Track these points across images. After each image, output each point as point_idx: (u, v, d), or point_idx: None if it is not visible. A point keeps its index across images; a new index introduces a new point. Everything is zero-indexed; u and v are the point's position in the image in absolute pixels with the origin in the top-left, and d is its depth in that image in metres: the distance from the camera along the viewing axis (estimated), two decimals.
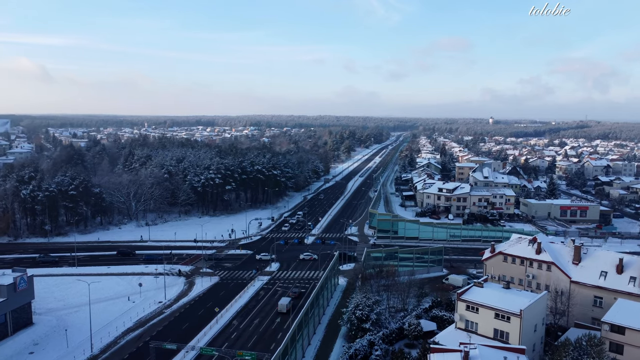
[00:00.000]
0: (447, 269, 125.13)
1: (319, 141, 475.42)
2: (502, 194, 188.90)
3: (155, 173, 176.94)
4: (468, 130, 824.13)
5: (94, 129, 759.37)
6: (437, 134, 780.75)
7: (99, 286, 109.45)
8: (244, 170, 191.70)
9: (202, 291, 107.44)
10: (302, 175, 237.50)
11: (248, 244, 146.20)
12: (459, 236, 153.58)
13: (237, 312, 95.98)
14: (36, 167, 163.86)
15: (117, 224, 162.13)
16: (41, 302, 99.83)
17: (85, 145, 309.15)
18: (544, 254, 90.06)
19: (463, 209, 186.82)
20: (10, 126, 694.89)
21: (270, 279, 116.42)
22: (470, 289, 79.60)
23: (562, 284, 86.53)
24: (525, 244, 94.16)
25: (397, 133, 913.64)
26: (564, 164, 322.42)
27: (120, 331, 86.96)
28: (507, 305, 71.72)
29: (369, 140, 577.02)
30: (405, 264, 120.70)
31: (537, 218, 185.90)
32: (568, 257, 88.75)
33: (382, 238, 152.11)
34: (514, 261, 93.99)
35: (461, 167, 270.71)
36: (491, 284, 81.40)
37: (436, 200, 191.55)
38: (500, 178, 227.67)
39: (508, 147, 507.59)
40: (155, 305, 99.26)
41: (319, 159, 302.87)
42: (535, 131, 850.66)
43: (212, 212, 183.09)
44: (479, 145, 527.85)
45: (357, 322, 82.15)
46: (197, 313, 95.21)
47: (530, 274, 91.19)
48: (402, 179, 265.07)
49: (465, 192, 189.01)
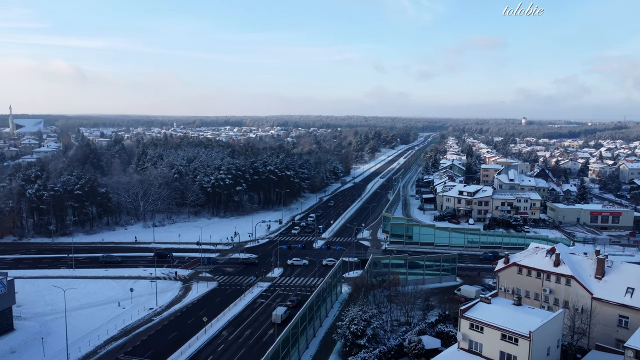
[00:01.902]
0: (462, 278, 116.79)
1: (344, 141, 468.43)
2: (526, 198, 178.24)
3: (165, 173, 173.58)
4: (499, 131, 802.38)
5: (123, 128, 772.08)
6: (466, 135, 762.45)
7: (91, 290, 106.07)
8: (255, 171, 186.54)
9: (197, 297, 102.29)
10: (319, 176, 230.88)
11: (254, 247, 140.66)
12: (478, 242, 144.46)
13: (229, 322, 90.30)
14: (42, 166, 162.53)
15: (124, 224, 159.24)
16: (30, 306, 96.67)
17: (106, 144, 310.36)
18: (562, 266, 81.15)
19: (485, 214, 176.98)
20: (43, 126, 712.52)
21: (270, 285, 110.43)
22: (475, 304, 71.77)
23: (582, 301, 77.58)
24: (542, 255, 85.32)
25: (426, 134, 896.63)
26: (597, 167, 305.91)
27: (102, 340, 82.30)
28: (516, 325, 63.75)
29: (395, 140, 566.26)
30: (415, 272, 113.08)
31: (564, 224, 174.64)
32: (590, 271, 79.63)
33: (395, 243, 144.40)
34: (530, 273, 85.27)
35: (486, 168, 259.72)
36: (501, 300, 73.25)
37: (456, 204, 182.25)
38: (526, 181, 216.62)
39: (539, 148, 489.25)
40: (145, 312, 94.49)
41: (339, 160, 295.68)
42: (570, 132, 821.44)
43: (223, 214, 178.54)
44: (509, 146, 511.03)
45: (352, 338, 75.19)
46: (187, 322, 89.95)
47: (547, 289, 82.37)
48: (423, 181, 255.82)
49: (487, 195, 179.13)
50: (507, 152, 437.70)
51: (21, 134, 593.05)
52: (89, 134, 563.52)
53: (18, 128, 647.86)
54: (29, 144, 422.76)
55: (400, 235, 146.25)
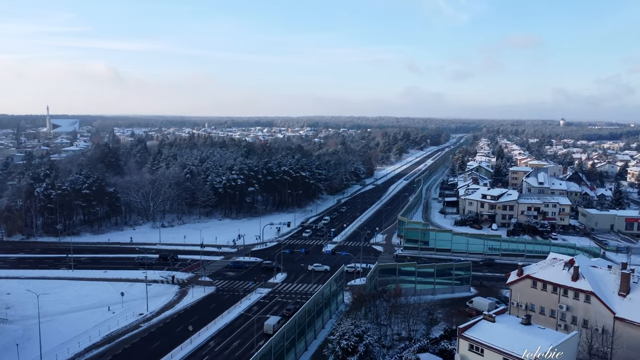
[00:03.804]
0: (477, 289, 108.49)
1: (371, 142, 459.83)
2: (555, 203, 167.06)
3: (176, 173, 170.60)
4: (535, 133, 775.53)
5: (156, 128, 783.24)
6: (500, 136, 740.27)
7: (85, 292, 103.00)
8: (269, 171, 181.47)
9: (190, 303, 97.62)
10: (338, 178, 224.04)
11: (261, 250, 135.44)
12: (499, 249, 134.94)
13: (219, 331, 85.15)
14: (52, 164, 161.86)
15: (132, 224, 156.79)
16: (19, 308, 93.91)
17: (130, 144, 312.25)
18: (581, 280, 72.50)
19: (509, 219, 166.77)
20: (78, 126, 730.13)
21: (270, 292, 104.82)
22: (478, 322, 64.39)
23: (603, 320, 68.93)
24: (560, 267, 76.71)
25: (459, 135, 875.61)
26: (637, 170, 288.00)
27: (83, 347, 78.43)
28: (520, 348, 56.34)
29: (424, 142, 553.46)
30: (425, 281, 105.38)
31: (596, 231, 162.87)
32: (613, 287, 70.77)
33: (409, 249, 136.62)
34: (545, 288, 76.80)
35: (515, 171, 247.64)
36: (507, 318, 65.57)
37: (479, 208, 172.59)
38: (557, 184, 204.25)
39: (576, 150, 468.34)
40: (134, 317, 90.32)
41: (362, 161, 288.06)
42: (611, 134, 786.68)
43: (235, 215, 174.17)
44: (544, 148, 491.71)
45: (342, 354, 68.67)
46: (175, 330, 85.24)
47: (564, 305, 73.82)
48: (447, 184, 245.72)
49: (512, 199, 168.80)
50: (542, 154, 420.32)
51: (57, 133, 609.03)
52: (121, 134, 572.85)
53: (55, 128, 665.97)
54: (60, 143, 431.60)
55: (415, 241, 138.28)
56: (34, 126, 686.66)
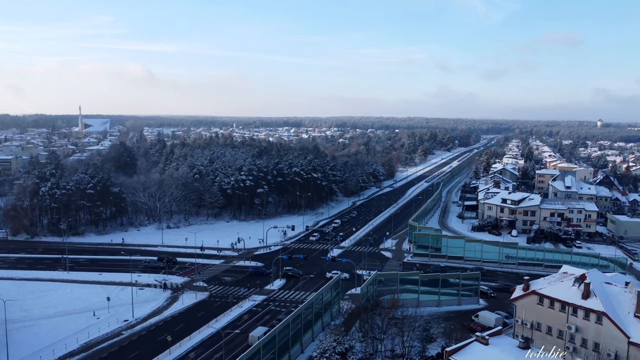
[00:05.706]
0: (487, 300, 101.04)
1: (397, 143, 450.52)
2: (580, 208, 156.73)
3: (185, 173, 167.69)
4: (570, 134, 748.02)
5: (184, 128, 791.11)
6: (533, 138, 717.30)
7: (75, 295, 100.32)
8: (279, 172, 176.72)
9: (179, 310, 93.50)
10: (354, 179, 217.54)
11: (264, 254, 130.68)
12: (515, 258, 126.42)
13: (201, 341, 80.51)
14: (57, 164, 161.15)
15: (138, 225, 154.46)
16: (2, 312, 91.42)
17: (150, 143, 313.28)
18: (592, 299, 64.75)
19: (530, 225, 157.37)
20: (109, 125, 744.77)
21: (265, 299, 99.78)
22: (469, 344, 57.77)
23: (616, 344, 61.20)
24: (570, 283, 69.00)
25: (490, 136, 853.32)
26: None
27: (57, 355, 75.07)
28: None
29: (452, 143, 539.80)
30: (429, 292, 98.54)
31: (626, 239, 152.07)
32: (628, 307, 62.84)
33: (419, 256, 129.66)
34: (552, 305, 69.22)
35: (542, 174, 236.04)
36: (503, 340, 58.67)
37: (499, 213, 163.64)
38: (586, 189, 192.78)
39: (612, 152, 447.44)
40: (117, 324, 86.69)
41: (382, 162, 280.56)
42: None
43: (243, 217, 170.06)
44: (578, 150, 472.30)
45: None
46: (157, 338, 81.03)
47: (573, 326, 66.19)
48: (469, 187, 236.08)
49: (534, 204, 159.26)
50: (575, 157, 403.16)
51: (88, 132, 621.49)
52: (149, 134, 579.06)
53: (86, 127, 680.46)
54: (87, 142, 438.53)
55: (426, 247, 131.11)
56: (68, 126, 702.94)
